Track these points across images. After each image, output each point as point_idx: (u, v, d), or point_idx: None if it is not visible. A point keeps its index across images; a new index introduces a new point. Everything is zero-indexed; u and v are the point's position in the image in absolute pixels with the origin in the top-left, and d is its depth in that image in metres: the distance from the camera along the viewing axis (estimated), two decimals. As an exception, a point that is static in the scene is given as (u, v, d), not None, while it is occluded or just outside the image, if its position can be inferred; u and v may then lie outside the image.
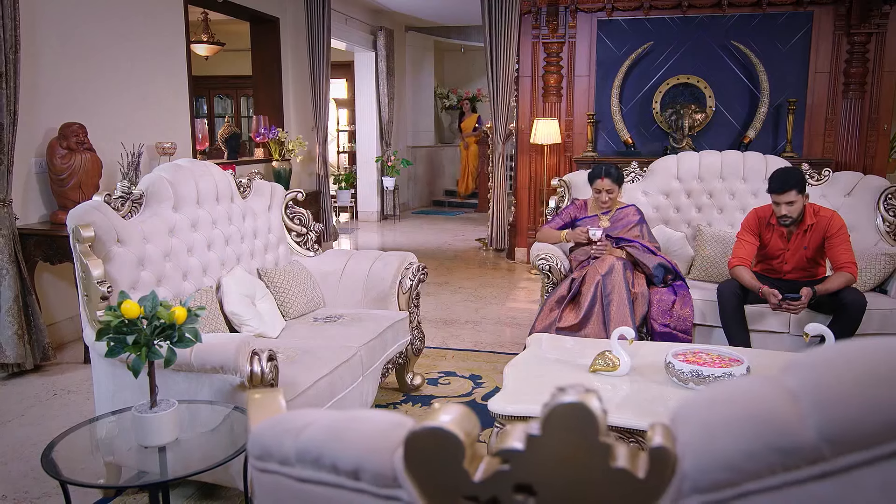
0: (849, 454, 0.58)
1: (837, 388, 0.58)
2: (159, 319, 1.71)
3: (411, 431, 0.68)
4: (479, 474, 0.67)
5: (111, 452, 1.98)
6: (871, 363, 0.58)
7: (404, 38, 10.95)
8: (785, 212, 3.65)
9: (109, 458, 1.92)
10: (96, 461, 2.00)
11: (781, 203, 3.66)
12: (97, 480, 1.85)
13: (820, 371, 0.60)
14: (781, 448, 0.59)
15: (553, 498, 0.66)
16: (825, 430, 0.58)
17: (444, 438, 0.67)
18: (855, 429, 0.57)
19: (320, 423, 0.76)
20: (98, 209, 2.67)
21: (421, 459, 0.69)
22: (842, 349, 0.61)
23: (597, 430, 0.63)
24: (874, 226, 4.40)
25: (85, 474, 1.84)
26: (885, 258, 4.06)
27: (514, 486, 0.67)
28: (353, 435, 0.73)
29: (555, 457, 0.65)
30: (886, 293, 4.05)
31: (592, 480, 0.64)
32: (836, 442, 0.57)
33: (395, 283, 3.74)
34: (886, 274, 4.06)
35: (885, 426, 0.56)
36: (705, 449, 0.62)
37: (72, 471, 1.80)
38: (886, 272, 4.06)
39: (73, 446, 1.91)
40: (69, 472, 1.79)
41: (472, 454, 0.68)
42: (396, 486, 0.70)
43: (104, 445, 1.99)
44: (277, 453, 0.77)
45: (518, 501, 0.67)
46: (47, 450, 1.83)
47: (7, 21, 3.83)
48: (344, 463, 0.72)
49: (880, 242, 4.33)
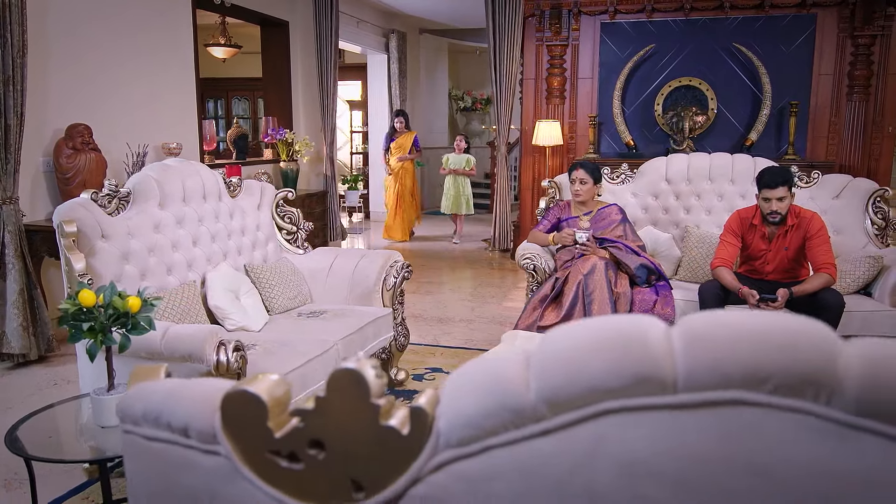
0: (563, 414, 0.67)
1: (554, 357, 0.68)
2: (115, 308, 1.84)
3: (226, 394, 0.79)
4: (280, 432, 0.78)
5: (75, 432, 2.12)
6: (584, 337, 0.68)
7: (418, 41, 11.08)
8: (775, 207, 3.69)
9: (71, 437, 2.06)
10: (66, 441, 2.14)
11: (773, 199, 3.69)
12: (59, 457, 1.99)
13: (551, 341, 0.69)
14: (510, 408, 0.68)
15: (339, 451, 0.76)
16: (542, 393, 0.67)
17: (251, 400, 0.78)
18: (563, 392, 0.66)
19: (165, 388, 0.87)
20: (84, 206, 2.83)
21: (234, 418, 0.80)
22: (579, 324, 0.70)
23: (368, 393, 0.73)
24: (863, 228, 4.41)
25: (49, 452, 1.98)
26: (868, 260, 4.07)
27: (308, 441, 0.77)
28: (184, 397, 0.84)
29: (337, 415, 0.75)
30: (871, 296, 4.06)
31: (368, 436, 0.75)
32: (551, 403, 0.67)
33: (379, 281, 3.85)
34: (871, 276, 4.07)
35: (588, 390, 0.65)
36: (454, 409, 0.72)
37: (36, 449, 1.95)
38: (870, 274, 4.06)
39: (37, 428, 2.05)
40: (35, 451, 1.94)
41: (277, 415, 0.79)
42: (216, 442, 0.81)
43: (66, 426, 2.13)
44: (131, 415, 0.89)
45: (311, 455, 0.77)
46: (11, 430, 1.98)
47: (15, 27, 4.02)
48: (176, 422, 0.83)
49: (868, 245, 4.34)
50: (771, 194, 3.68)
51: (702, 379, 0.61)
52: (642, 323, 0.66)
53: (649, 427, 0.64)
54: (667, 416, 0.63)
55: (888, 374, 0.57)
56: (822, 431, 0.59)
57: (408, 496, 0.74)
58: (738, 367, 0.60)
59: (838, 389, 0.58)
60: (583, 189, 4.25)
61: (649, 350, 0.63)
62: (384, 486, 0.75)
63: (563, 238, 4.26)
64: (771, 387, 0.60)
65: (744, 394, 0.60)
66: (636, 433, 0.64)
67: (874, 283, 4.08)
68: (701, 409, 0.62)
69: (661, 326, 0.66)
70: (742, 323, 0.63)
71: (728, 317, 0.64)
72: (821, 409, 0.59)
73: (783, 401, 0.59)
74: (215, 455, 0.81)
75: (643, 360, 0.63)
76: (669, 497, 0.63)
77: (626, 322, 0.67)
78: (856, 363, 0.59)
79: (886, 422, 0.57)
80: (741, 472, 0.61)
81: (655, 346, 0.64)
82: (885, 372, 0.57)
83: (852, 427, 0.58)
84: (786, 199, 3.68)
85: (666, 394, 0.63)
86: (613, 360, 0.64)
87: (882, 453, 0.58)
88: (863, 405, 0.58)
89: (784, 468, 0.60)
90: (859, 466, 0.58)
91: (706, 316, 0.65)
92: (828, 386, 0.58)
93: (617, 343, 0.65)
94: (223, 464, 0.81)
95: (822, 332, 0.61)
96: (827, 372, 0.58)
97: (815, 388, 0.59)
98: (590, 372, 0.65)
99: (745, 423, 0.61)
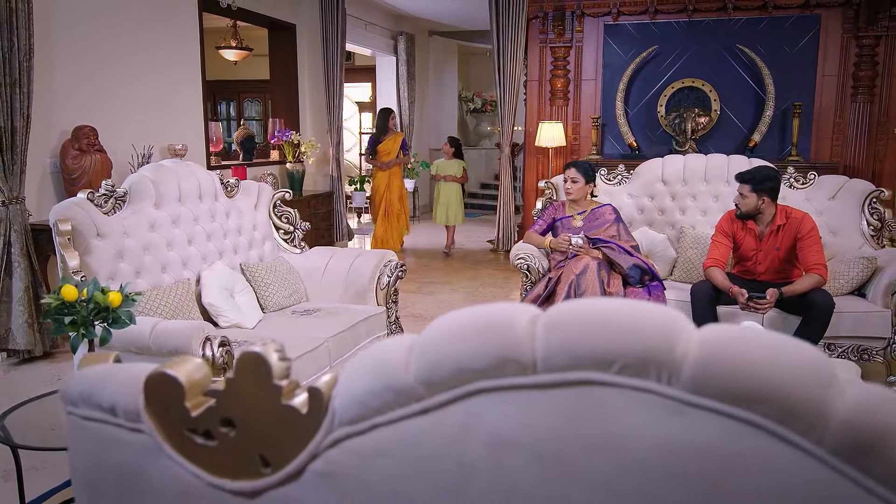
0: (439, 394, 0.73)
1: (431, 341, 0.73)
2: (96, 302, 1.92)
3: (148, 375, 0.86)
4: (196, 411, 0.84)
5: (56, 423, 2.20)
6: (459, 322, 0.73)
7: (427, 42, 11.15)
8: (736, 201, 3.89)
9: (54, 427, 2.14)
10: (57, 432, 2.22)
11: (739, 192, 3.85)
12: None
13: (432, 327, 0.75)
14: (393, 388, 0.74)
15: (247, 429, 0.82)
16: (420, 374, 0.73)
17: (170, 381, 0.84)
18: (437, 373, 0.72)
19: (98, 371, 0.94)
20: (79, 205, 2.92)
21: (155, 399, 0.86)
22: (459, 311, 0.76)
23: (271, 375, 0.79)
24: (859, 229, 4.41)
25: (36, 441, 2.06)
26: (862, 261, 4.06)
27: (220, 419, 0.83)
28: (113, 379, 0.91)
29: (245, 396, 0.81)
30: (865, 297, 4.05)
31: (272, 415, 0.81)
32: (427, 383, 0.73)
33: (373, 280, 3.92)
34: (865, 277, 4.06)
35: (458, 371, 0.71)
36: (347, 390, 0.78)
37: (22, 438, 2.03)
38: (864, 276, 4.06)
39: (25, 418, 2.14)
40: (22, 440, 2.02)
41: (194, 395, 0.85)
42: (140, 420, 0.87)
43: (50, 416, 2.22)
44: (70, 397, 0.95)
45: (223, 433, 0.83)
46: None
47: (21, 31, 4.14)
48: (106, 402, 0.90)
49: (865, 246, 4.34)
50: (738, 188, 3.87)
51: (557, 361, 0.67)
52: (512, 310, 0.72)
53: (513, 405, 0.69)
54: (528, 395, 0.68)
55: (721, 356, 0.62)
56: (664, 408, 0.64)
57: (308, 470, 0.80)
58: (588, 350, 0.65)
59: (677, 370, 0.63)
60: (574, 188, 4.30)
61: (513, 334, 0.69)
62: (287, 462, 0.81)
63: (558, 244, 4.28)
64: (617, 368, 0.65)
65: (594, 374, 0.65)
66: (502, 411, 0.70)
67: (868, 284, 4.07)
68: (557, 388, 0.67)
69: (530, 313, 0.72)
70: (596, 309, 0.68)
71: (586, 304, 0.69)
72: (662, 388, 0.64)
73: (628, 380, 0.64)
74: (140, 433, 0.88)
75: (506, 343, 0.68)
76: (528, 468, 0.69)
77: (498, 309, 0.72)
78: (694, 346, 0.63)
79: (719, 399, 0.62)
80: (592, 445, 0.66)
81: (519, 330, 0.69)
82: (719, 353, 0.62)
83: (690, 405, 0.63)
84: (748, 198, 3.81)
85: (527, 374, 0.68)
86: (480, 343, 0.69)
87: (716, 428, 0.62)
88: (698, 384, 0.63)
89: (631, 442, 0.65)
90: (697, 440, 0.63)
91: (570, 304, 0.70)
92: (667, 366, 0.63)
93: (485, 327, 0.70)
94: (147, 441, 0.87)
95: (665, 317, 0.66)
96: (666, 354, 0.63)
97: (657, 369, 0.64)
98: (459, 354, 0.70)
99: (596, 401, 0.66)
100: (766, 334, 0.64)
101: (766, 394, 0.59)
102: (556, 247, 4.26)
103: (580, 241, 4.18)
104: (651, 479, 0.64)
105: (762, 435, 0.60)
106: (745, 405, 0.60)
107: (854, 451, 0.57)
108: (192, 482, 0.86)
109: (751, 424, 0.60)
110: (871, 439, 0.57)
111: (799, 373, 0.60)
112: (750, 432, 0.61)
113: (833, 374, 0.60)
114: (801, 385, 0.59)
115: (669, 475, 0.63)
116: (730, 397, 0.61)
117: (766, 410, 0.60)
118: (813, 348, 0.63)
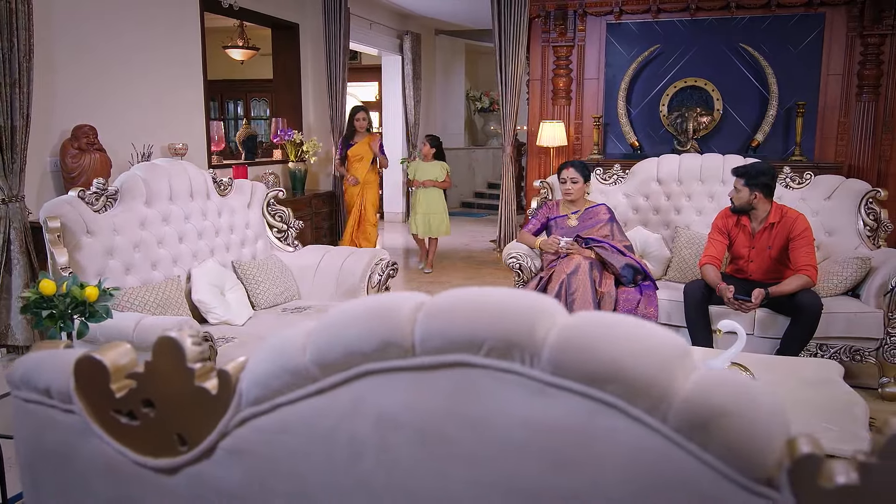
0: (331, 375, 0.77)
1: (326, 325, 0.78)
2: (73, 297, 1.98)
3: (77, 359, 0.91)
4: (120, 393, 0.89)
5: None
6: (351, 309, 0.78)
7: (433, 42, 11.20)
8: (730, 195, 3.92)
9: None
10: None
11: (734, 186, 3.88)
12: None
13: (331, 312, 0.80)
14: (290, 370, 0.79)
15: (166, 409, 0.88)
16: (314, 357, 0.78)
17: (97, 365, 0.90)
18: (329, 355, 0.76)
19: (37, 356, 0.99)
20: (69, 203, 3.00)
21: (84, 381, 0.91)
22: (355, 300, 0.81)
23: (185, 358, 0.84)
24: (855, 229, 4.39)
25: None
26: (856, 262, 4.04)
27: (141, 400, 0.89)
28: (48, 363, 0.96)
29: (162, 378, 0.87)
30: (859, 297, 4.04)
31: (187, 396, 0.86)
32: (321, 365, 0.77)
33: (364, 278, 3.96)
34: (859, 277, 4.03)
35: (347, 354, 0.76)
36: (253, 372, 0.83)
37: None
38: (858, 276, 4.03)
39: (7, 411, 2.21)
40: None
41: (118, 378, 0.90)
42: (71, 401, 0.93)
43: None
44: (13, 380, 1.01)
45: (145, 413, 0.89)
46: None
47: (21, 32, 4.23)
48: (41, 384, 0.95)
49: (861, 246, 4.32)
50: (734, 182, 3.90)
51: (434, 344, 0.71)
52: (401, 298, 0.76)
53: (397, 386, 0.74)
54: (409, 376, 0.73)
55: (576, 339, 0.66)
56: (528, 388, 0.68)
57: (219, 448, 0.85)
58: (460, 334, 0.69)
59: (538, 352, 0.67)
60: (574, 188, 4.32)
61: (396, 319, 0.73)
62: (201, 440, 0.86)
63: (548, 246, 4.31)
64: (486, 350, 0.69)
65: (466, 356, 0.70)
66: (387, 392, 0.74)
67: (862, 285, 4.06)
68: (435, 370, 0.71)
69: (417, 301, 0.76)
70: (472, 296, 0.72)
71: (466, 292, 0.74)
72: (525, 370, 0.68)
73: (496, 362, 0.69)
74: (71, 413, 0.93)
75: (389, 327, 0.73)
76: (411, 446, 0.73)
77: (388, 297, 0.77)
78: (554, 331, 0.68)
79: (575, 380, 0.66)
80: (466, 423, 0.71)
81: (402, 316, 0.73)
82: (575, 337, 0.66)
83: (550, 385, 0.67)
84: (741, 192, 3.84)
85: (408, 357, 0.73)
86: (367, 327, 0.74)
87: (573, 407, 0.67)
88: (556, 366, 0.67)
89: (502, 420, 0.69)
90: (556, 418, 0.67)
91: (451, 291, 0.74)
92: (529, 349, 0.67)
93: (372, 314, 0.75)
94: (78, 421, 0.93)
95: (531, 303, 0.70)
96: (528, 337, 0.67)
97: (521, 352, 0.68)
98: (349, 338, 0.75)
99: (468, 381, 0.70)
100: (625, 320, 0.68)
101: (616, 374, 0.63)
102: (546, 248, 4.29)
103: (567, 243, 4.21)
104: (518, 455, 0.68)
105: (614, 413, 0.64)
106: (598, 385, 0.64)
107: (693, 428, 0.61)
108: (118, 460, 0.91)
109: (604, 403, 0.64)
110: (707, 417, 0.60)
111: (646, 355, 0.63)
112: (603, 410, 0.65)
113: (681, 358, 0.64)
114: (647, 366, 0.63)
115: (534, 451, 0.68)
116: (584, 378, 0.65)
117: (617, 390, 0.64)
118: (668, 334, 0.67)
